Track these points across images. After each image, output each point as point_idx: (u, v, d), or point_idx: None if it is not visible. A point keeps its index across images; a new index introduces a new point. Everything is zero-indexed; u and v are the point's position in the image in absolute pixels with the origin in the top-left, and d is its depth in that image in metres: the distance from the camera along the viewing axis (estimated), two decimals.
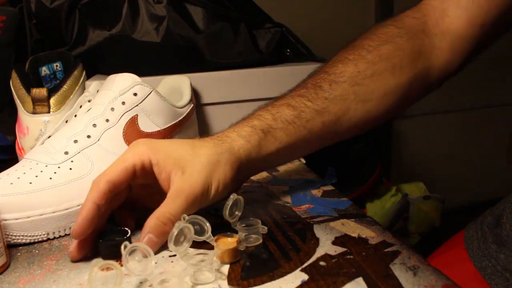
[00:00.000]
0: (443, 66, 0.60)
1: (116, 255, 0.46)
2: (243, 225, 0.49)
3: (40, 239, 0.51)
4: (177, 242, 0.43)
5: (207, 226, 0.45)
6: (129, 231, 0.48)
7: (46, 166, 0.54)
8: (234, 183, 0.51)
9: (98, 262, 0.38)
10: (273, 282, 0.41)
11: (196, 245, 0.47)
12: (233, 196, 0.49)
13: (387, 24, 0.60)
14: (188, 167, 0.47)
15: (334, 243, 0.47)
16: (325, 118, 0.55)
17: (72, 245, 0.46)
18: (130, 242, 0.48)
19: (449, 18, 0.59)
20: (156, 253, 0.47)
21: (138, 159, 0.47)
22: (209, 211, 0.55)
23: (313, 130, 0.55)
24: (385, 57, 0.57)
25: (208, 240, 0.45)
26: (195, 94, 0.78)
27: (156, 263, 0.45)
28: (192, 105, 0.70)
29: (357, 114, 0.56)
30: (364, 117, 0.57)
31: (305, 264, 0.43)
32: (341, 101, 0.55)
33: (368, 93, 0.56)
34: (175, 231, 0.42)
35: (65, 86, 0.71)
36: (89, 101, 0.61)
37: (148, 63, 0.81)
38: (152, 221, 0.45)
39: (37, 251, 0.50)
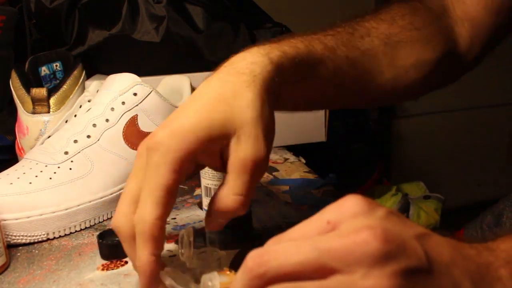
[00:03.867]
0: (464, 52, 0.58)
1: (116, 255, 0.46)
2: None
3: (40, 239, 0.51)
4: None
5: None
6: None
7: (46, 166, 0.54)
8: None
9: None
10: None
11: None
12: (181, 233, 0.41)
13: (410, 0, 0.57)
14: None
15: None
16: (356, 72, 0.51)
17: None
18: None
19: (465, 5, 0.57)
20: None
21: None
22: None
23: (344, 79, 0.50)
24: (417, 27, 0.54)
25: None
26: None
27: None
28: None
29: (385, 78, 0.53)
30: (391, 84, 0.54)
31: None
32: (371, 58, 0.52)
33: (398, 59, 0.53)
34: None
35: (65, 86, 0.71)
36: (89, 101, 0.61)
37: (148, 63, 0.81)
38: (222, 204, 0.38)
39: (37, 251, 0.50)
